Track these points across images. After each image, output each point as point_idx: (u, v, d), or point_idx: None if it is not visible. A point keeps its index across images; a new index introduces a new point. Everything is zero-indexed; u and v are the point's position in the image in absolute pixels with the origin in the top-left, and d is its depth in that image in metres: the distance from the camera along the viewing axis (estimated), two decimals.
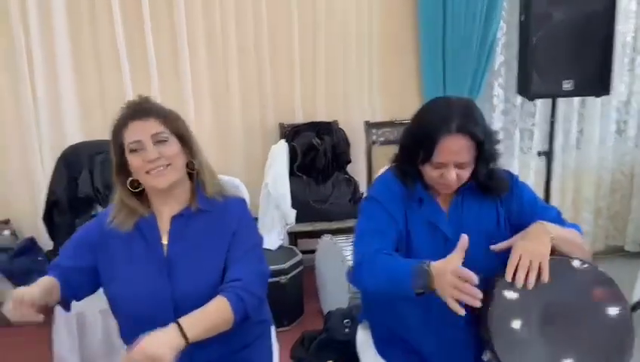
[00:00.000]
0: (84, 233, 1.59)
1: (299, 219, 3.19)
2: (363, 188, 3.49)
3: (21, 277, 3.11)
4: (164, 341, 1.28)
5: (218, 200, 1.56)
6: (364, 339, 1.78)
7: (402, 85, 3.69)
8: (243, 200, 1.64)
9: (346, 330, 2.24)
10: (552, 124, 3.37)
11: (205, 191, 1.55)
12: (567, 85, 3.12)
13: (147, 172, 1.47)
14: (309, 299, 3.18)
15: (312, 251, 3.23)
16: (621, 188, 4.07)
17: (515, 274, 1.35)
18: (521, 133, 3.90)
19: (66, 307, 1.53)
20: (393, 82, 3.67)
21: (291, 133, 3.37)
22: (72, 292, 1.51)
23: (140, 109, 1.50)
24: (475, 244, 1.41)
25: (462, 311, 1.25)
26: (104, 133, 3.21)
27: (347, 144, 3.47)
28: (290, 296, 3.00)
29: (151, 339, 1.28)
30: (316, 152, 3.30)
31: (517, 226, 1.55)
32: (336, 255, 2.84)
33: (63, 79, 3.26)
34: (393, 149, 3.56)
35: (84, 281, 1.53)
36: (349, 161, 3.48)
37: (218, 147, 3.54)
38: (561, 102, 3.81)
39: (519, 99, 3.80)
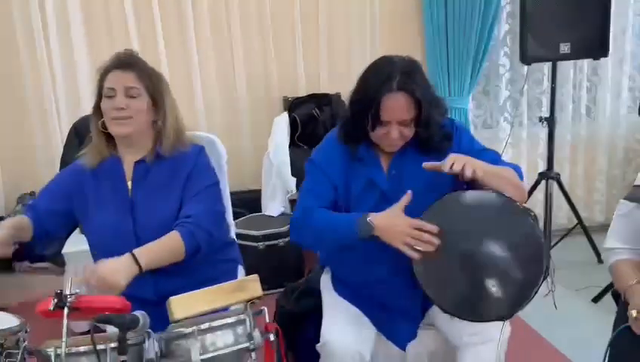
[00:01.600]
0: (60, 179, 1.77)
1: (299, 187, 3.29)
2: None
3: (42, 245, 3.36)
4: (118, 268, 1.44)
5: (174, 154, 1.69)
6: (325, 281, 1.90)
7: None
8: (200, 148, 1.76)
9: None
10: (552, 89, 3.36)
11: (162, 145, 1.69)
12: (564, 48, 3.11)
13: (112, 118, 1.62)
14: (309, 262, 3.28)
15: None
16: (635, 157, 3.99)
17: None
18: (529, 102, 3.88)
19: (32, 251, 1.75)
20: (395, 53, 3.70)
21: (293, 105, 3.48)
22: (44, 232, 1.70)
23: (124, 61, 1.66)
24: (416, 195, 1.53)
25: (417, 256, 1.43)
26: None
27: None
28: (289, 258, 3.12)
29: (106, 265, 1.44)
30: (316, 123, 3.40)
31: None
32: None
33: (78, 60, 3.47)
34: None
35: (58, 223, 1.73)
36: None
37: (224, 120, 3.69)
38: (571, 69, 3.78)
39: (526, 67, 3.77)
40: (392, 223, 1.45)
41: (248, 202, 3.52)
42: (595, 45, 3.09)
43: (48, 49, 3.42)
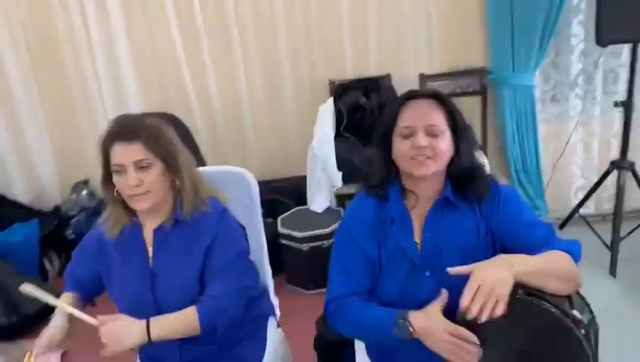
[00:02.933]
0: (85, 244, 1.70)
1: (346, 181, 3.16)
2: None
3: None
4: (131, 329, 1.43)
5: (195, 214, 1.57)
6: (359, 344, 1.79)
7: (463, 31, 3.40)
8: (223, 211, 1.62)
9: None
10: (632, 70, 2.95)
11: (182, 210, 1.56)
12: None
13: (129, 195, 1.51)
14: None
15: None
16: None
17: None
18: (604, 76, 3.48)
19: (93, 303, 1.71)
20: (453, 28, 3.39)
21: (339, 92, 3.28)
22: (90, 296, 1.68)
23: (126, 130, 1.50)
24: (452, 264, 1.32)
25: None
26: (161, 105, 3.42)
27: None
28: None
29: (120, 322, 1.43)
30: (362, 112, 3.20)
31: (499, 243, 1.42)
32: None
33: (120, 54, 3.42)
34: None
35: (96, 286, 1.67)
36: None
37: (268, 106, 3.56)
38: None
39: None
40: (430, 328, 1.30)
41: (293, 190, 3.44)
42: None
43: (89, 42, 3.39)
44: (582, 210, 3.38)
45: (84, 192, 3.61)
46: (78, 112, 3.59)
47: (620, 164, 3.09)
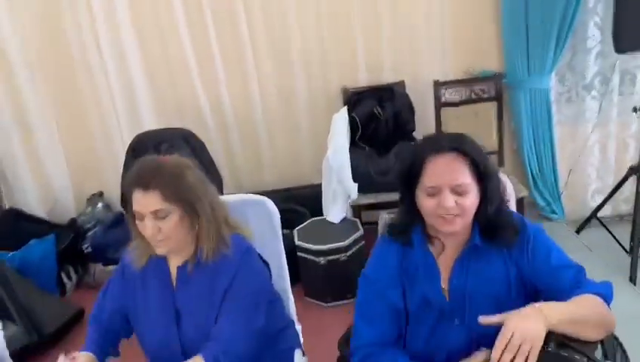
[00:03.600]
0: (113, 284, 1.70)
1: (361, 191, 3.15)
2: None
3: (114, 247, 3.46)
4: None
5: (216, 257, 1.56)
6: None
7: (478, 35, 3.36)
8: (246, 249, 1.61)
9: None
10: None
11: (202, 254, 1.55)
12: None
13: (150, 240, 1.52)
14: None
15: (377, 222, 3.19)
16: None
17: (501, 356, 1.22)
18: (622, 77, 3.43)
19: (117, 353, 1.70)
20: (467, 32, 3.35)
21: (353, 101, 3.25)
22: (118, 339, 1.68)
23: (145, 179, 1.48)
24: (482, 312, 1.31)
25: None
26: (174, 115, 3.41)
27: (411, 111, 3.28)
28: (351, 270, 3.01)
29: None
30: (377, 122, 3.17)
31: (530, 288, 1.39)
32: None
33: (131, 66, 3.40)
34: (465, 111, 3.33)
35: (121, 327, 1.67)
36: (413, 130, 3.30)
37: (282, 115, 3.54)
38: None
39: None
40: None
41: (309, 198, 3.43)
42: None
43: (101, 59, 3.38)
44: (598, 213, 3.36)
45: (100, 205, 3.63)
46: (91, 125, 3.59)
47: (639, 170, 3.06)
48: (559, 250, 1.42)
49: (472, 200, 1.35)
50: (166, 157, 1.60)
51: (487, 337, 1.26)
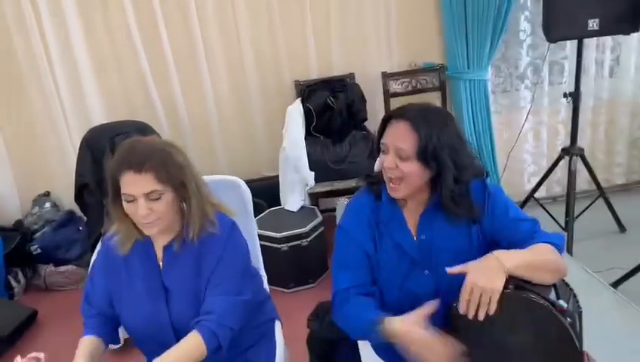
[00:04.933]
0: (94, 270, 1.69)
1: (318, 180, 3.24)
2: None
3: (65, 247, 3.38)
4: None
5: (202, 235, 1.58)
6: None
7: (421, 30, 3.56)
8: (231, 226, 1.65)
9: None
10: (578, 64, 3.19)
11: (188, 234, 1.57)
12: (592, 24, 2.92)
13: (139, 222, 1.52)
14: (332, 253, 3.28)
15: (334, 209, 3.30)
16: None
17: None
18: (550, 67, 3.72)
19: (116, 340, 1.70)
20: (411, 28, 3.54)
21: (306, 93, 3.35)
22: (112, 325, 1.67)
23: (137, 160, 1.46)
24: (447, 263, 1.43)
25: None
26: (125, 113, 3.36)
27: (363, 100, 3.42)
28: (312, 256, 3.11)
29: None
30: (331, 112, 3.28)
31: (491, 242, 1.52)
32: None
33: (78, 55, 3.33)
34: (412, 100, 3.51)
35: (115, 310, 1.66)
36: (365, 119, 3.44)
37: (236, 110, 3.58)
38: None
39: None
40: (404, 333, 1.37)
41: (265, 190, 3.48)
42: (625, 19, 2.90)
43: (48, 53, 3.31)
44: (535, 194, 3.62)
45: (47, 204, 3.52)
46: (37, 124, 3.48)
47: (571, 151, 3.34)
48: (515, 206, 1.56)
49: (411, 168, 1.44)
50: (152, 137, 1.60)
51: (453, 286, 1.38)
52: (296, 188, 3.24)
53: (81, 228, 3.43)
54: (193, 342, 1.47)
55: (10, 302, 3.19)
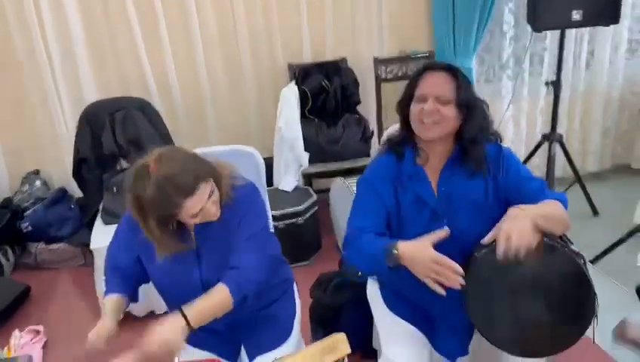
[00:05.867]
0: (119, 235, 1.75)
1: (312, 161, 3.33)
2: (373, 126, 3.57)
3: (57, 225, 3.37)
4: (175, 328, 1.47)
5: (230, 199, 1.66)
6: (373, 293, 1.96)
7: (411, 17, 3.68)
8: (251, 188, 1.74)
9: (359, 273, 2.43)
10: (560, 54, 3.37)
11: (221, 202, 1.64)
12: (576, 15, 3.10)
13: (198, 222, 1.60)
14: (326, 234, 3.38)
15: (327, 190, 3.39)
16: (630, 107, 4.10)
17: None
18: (531, 58, 3.89)
19: (136, 299, 1.75)
20: (402, 15, 3.65)
21: (300, 76, 3.42)
22: (134, 285, 1.73)
23: (190, 184, 1.50)
24: (464, 216, 1.63)
25: (442, 291, 1.44)
26: (118, 88, 3.36)
27: (356, 84, 3.51)
28: (307, 234, 3.20)
29: (163, 329, 1.46)
30: (326, 95, 3.37)
31: (504, 197, 1.66)
32: (348, 195, 2.99)
33: (73, 33, 3.31)
34: (402, 85, 3.62)
35: (139, 273, 1.72)
36: (359, 102, 3.54)
37: (230, 91, 3.62)
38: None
39: None
40: (418, 256, 1.47)
41: None
42: (607, 12, 3.09)
43: (42, 26, 3.26)
44: None
45: (38, 182, 3.50)
46: (27, 100, 3.43)
47: (551, 137, 3.52)
48: (525, 167, 1.73)
49: (451, 112, 1.60)
50: (161, 154, 1.54)
51: (469, 235, 1.55)
52: (291, 169, 3.32)
53: (73, 206, 3.43)
54: (220, 293, 1.56)
55: (3, 278, 3.17)
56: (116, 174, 2.93)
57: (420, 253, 1.46)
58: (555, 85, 3.43)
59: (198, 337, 1.64)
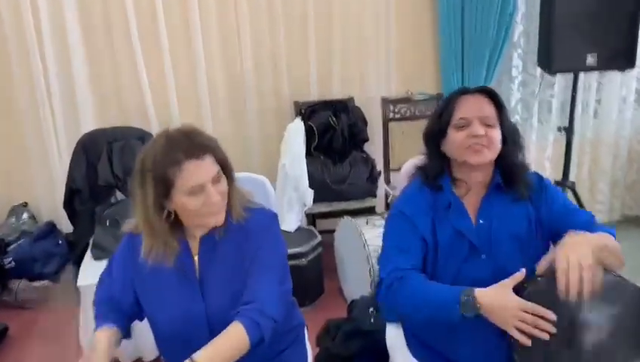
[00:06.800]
0: (115, 264, 1.55)
1: (317, 200, 3.18)
2: (380, 165, 3.45)
3: (42, 261, 3.16)
4: None
5: (244, 219, 1.50)
6: (394, 338, 1.77)
7: (419, 59, 3.63)
8: (271, 216, 1.57)
9: (372, 320, 2.25)
10: (572, 98, 3.31)
11: (232, 216, 1.49)
12: (590, 59, 3.04)
13: (207, 213, 1.41)
14: (329, 277, 3.19)
15: (331, 231, 3.23)
16: (638, 158, 4.02)
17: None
18: (539, 105, 3.83)
19: (128, 335, 1.54)
20: (410, 56, 3.60)
21: (307, 112, 3.31)
22: (128, 321, 1.52)
23: (196, 146, 1.37)
24: (504, 251, 1.50)
25: (527, 341, 1.29)
26: (118, 119, 3.23)
27: (364, 122, 3.42)
28: (310, 277, 3.01)
29: None
30: (333, 132, 3.25)
31: (548, 230, 1.54)
32: (356, 236, 2.83)
33: (74, 60, 3.20)
34: (410, 126, 3.53)
35: (134, 308, 1.53)
36: (367, 140, 3.43)
37: (233, 126, 3.51)
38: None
39: (539, 70, 3.70)
40: (502, 304, 1.33)
41: None
42: (622, 56, 3.03)
43: (42, 52, 3.15)
44: None
45: (25, 215, 3.30)
46: (22, 134, 3.29)
47: (564, 184, 3.40)
48: (568, 199, 1.65)
49: (497, 134, 1.51)
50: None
51: (510, 272, 1.38)
52: (294, 208, 3.16)
53: (60, 241, 3.22)
54: (235, 334, 1.35)
55: None
56: (110, 207, 2.76)
57: (504, 301, 1.33)
58: (568, 131, 3.35)
59: None
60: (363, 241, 2.74)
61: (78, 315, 2.57)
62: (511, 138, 1.55)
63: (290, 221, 3.15)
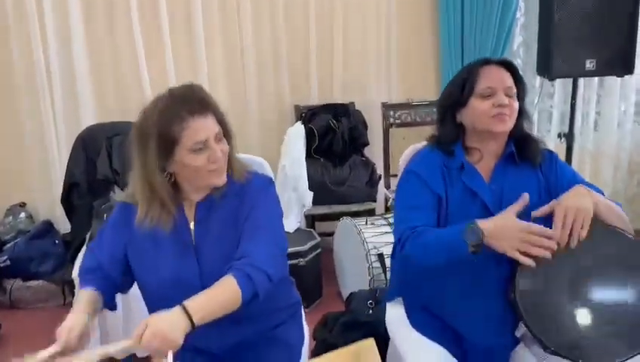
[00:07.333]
0: (106, 234, 1.53)
1: (316, 202, 3.16)
2: (380, 170, 3.45)
3: (38, 260, 3.13)
4: (174, 322, 1.22)
5: (243, 181, 1.50)
6: (395, 316, 1.74)
7: (420, 66, 3.66)
8: (268, 179, 1.57)
9: (370, 311, 2.22)
10: (572, 105, 3.31)
11: (233, 176, 1.48)
12: (589, 65, 3.06)
13: (210, 171, 1.40)
14: (327, 281, 3.15)
15: (330, 234, 3.21)
16: (639, 170, 4.02)
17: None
18: (539, 115, 3.84)
19: (113, 306, 1.51)
20: (411, 63, 3.63)
21: (308, 115, 3.33)
22: (112, 287, 1.49)
23: (200, 103, 1.38)
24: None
25: (532, 263, 1.32)
26: (118, 115, 3.23)
27: (365, 126, 3.43)
28: (308, 279, 2.97)
29: (163, 320, 1.22)
30: (333, 135, 3.26)
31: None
32: (356, 238, 2.81)
33: (74, 59, 3.22)
34: (410, 131, 3.53)
35: (123, 272, 1.50)
36: (367, 144, 3.43)
37: (233, 128, 3.50)
38: (580, 83, 3.75)
39: (538, 80, 3.73)
40: (504, 226, 1.35)
41: None
42: (621, 62, 3.05)
43: (46, 54, 3.17)
44: None
45: (22, 215, 3.28)
46: (21, 132, 3.29)
47: None
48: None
49: (517, 105, 1.55)
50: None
51: None
52: (293, 209, 3.15)
53: (57, 241, 3.19)
54: (227, 287, 1.30)
55: None
56: (107, 201, 2.74)
57: (506, 225, 1.35)
58: (568, 137, 3.34)
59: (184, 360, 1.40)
60: (362, 239, 2.71)
61: None
62: (525, 111, 1.61)
63: (290, 222, 3.13)
